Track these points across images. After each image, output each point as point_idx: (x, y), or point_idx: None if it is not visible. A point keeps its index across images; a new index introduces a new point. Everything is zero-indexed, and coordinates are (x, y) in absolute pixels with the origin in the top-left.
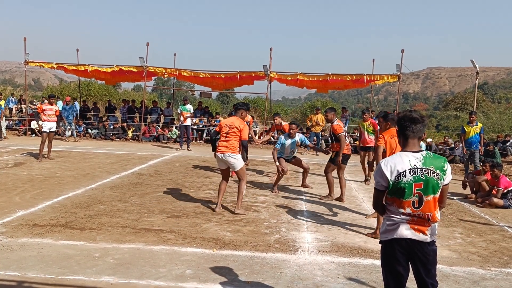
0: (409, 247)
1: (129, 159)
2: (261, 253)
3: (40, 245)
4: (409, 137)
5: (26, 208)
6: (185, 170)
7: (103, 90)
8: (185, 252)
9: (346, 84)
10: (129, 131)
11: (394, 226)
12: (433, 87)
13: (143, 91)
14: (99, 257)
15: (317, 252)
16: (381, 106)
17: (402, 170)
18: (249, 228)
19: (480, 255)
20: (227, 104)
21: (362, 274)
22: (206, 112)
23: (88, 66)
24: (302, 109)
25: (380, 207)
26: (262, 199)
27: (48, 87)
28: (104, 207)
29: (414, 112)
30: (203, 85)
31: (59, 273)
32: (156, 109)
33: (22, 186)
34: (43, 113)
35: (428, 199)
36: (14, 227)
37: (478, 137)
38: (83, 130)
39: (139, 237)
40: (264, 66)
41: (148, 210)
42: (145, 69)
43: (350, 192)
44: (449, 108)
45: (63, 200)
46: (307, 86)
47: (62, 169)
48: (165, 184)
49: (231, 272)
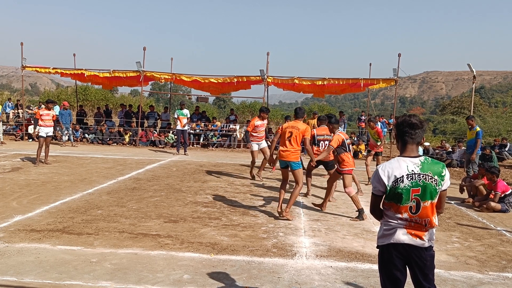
0: (406, 252)
1: (126, 164)
2: (258, 258)
3: (38, 250)
4: (407, 143)
5: (23, 213)
6: (182, 174)
7: (100, 94)
8: (182, 257)
9: (343, 89)
10: (126, 136)
11: (391, 231)
12: (430, 91)
13: (140, 95)
14: (96, 262)
15: (315, 256)
16: (378, 110)
17: (399, 176)
18: (246, 232)
19: (478, 259)
20: (224, 108)
21: (360, 278)
22: (203, 116)
23: (85, 70)
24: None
25: (378, 212)
26: (259, 203)
27: (45, 92)
28: (101, 212)
29: (413, 117)
30: (200, 90)
31: (57, 278)
32: (153, 114)
33: (19, 191)
34: (40, 119)
35: (426, 204)
36: (11, 232)
37: (474, 142)
38: (80, 135)
39: (136, 242)
40: (261, 70)
41: (146, 215)
42: (142, 73)
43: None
44: (446, 112)
45: (60, 205)
46: (304, 90)
47: (59, 174)
48: (162, 189)
49: (228, 277)
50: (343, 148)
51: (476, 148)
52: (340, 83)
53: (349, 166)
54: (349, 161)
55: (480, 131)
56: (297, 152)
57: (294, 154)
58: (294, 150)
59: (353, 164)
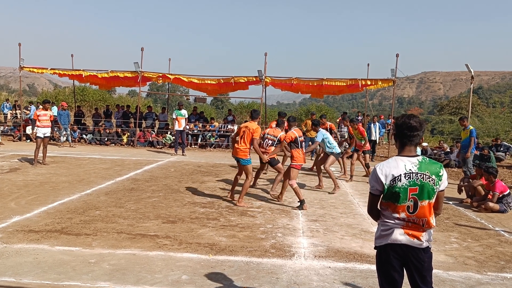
0: (403, 253)
1: (124, 165)
2: (257, 259)
3: (36, 251)
4: (406, 144)
5: (21, 213)
6: (180, 175)
7: (97, 95)
8: (181, 258)
9: (341, 89)
10: (124, 137)
11: (388, 231)
12: (428, 91)
13: (138, 96)
14: (95, 263)
15: (313, 257)
16: (376, 110)
17: (397, 175)
18: (245, 233)
19: (476, 260)
20: (221, 109)
21: (359, 279)
22: (201, 117)
23: (83, 71)
24: (297, 114)
25: (375, 212)
26: (257, 204)
27: (43, 93)
28: (100, 212)
29: (412, 119)
30: (198, 90)
31: (55, 279)
32: (151, 115)
33: (17, 192)
34: (37, 119)
35: (423, 204)
36: (10, 233)
37: (467, 141)
38: (77, 136)
39: (134, 243)
40: (259, 71)
41: (144, 215)
42: (139, 74)
43: (345, 197)
44: (444, 112)
45: (58, 205)
46: (302, 91)
47: (57, 175)
48: (160, 190)
49: (227, 277)
50: (295, 145)
51: (470, 146)
52: (338, 84)
53: (298, 161)
54: (299, 157)
55: (473, 129)
56: (246, 150)
57: (243, 152)
58: (243, 148)
59: (302, 160)
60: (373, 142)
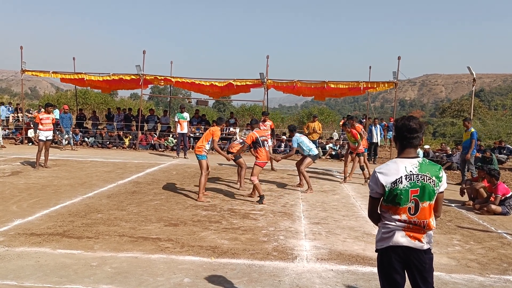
0: (405, 255)
1: (126, 168)
2: (259, 261)
3: (38, 254)
4: (406, 146)
5: (23, 217)
6: (182, 178)
7: (99, 98)
8: (183, 261)
9: (343, 92)
10: (126, 140)
11: (389, 234)
12: (430, 94)
13: (139, 99)
14: (96, 266)
15: (316, 260)
16: (378, 113)
17: (398, 177)
18: (247, 236)
19: (479, 262)
20: (223, 112)
21: (361, 281)
22: (203, 120)
23: (85, 74)
24: (299, 117)
25: (375, 215)
26: (259, 207)
27: (45, 96)
28: (102, 215)
29: (412, 121)
30: (199, 93)
31: (57, 282)
32: (153, 117)
33: (19, 195)
34: (40, 122)
35: (424, 205)
36: (11, 236)
37: (469, 142)
38: (79, 139)
39: (136, 246)
40: (261, 73)
41: (146, 218)
42: (141, 77)
43: (347, 200)
44: (445, 115)
45: (60, 208)
46: (304, 93)
47: (59, 178)
48: (162, 192)
49: (229, 280)
50: (257, 145)
51: (471, 148)
52: (340, 86)
53: (261, 159)
54: (261, 155)
55: (474, 131)
56: (201, 147)
57: (199, 148)
58: (199, 145)
59: (265, 158)
60: (374, 144)
